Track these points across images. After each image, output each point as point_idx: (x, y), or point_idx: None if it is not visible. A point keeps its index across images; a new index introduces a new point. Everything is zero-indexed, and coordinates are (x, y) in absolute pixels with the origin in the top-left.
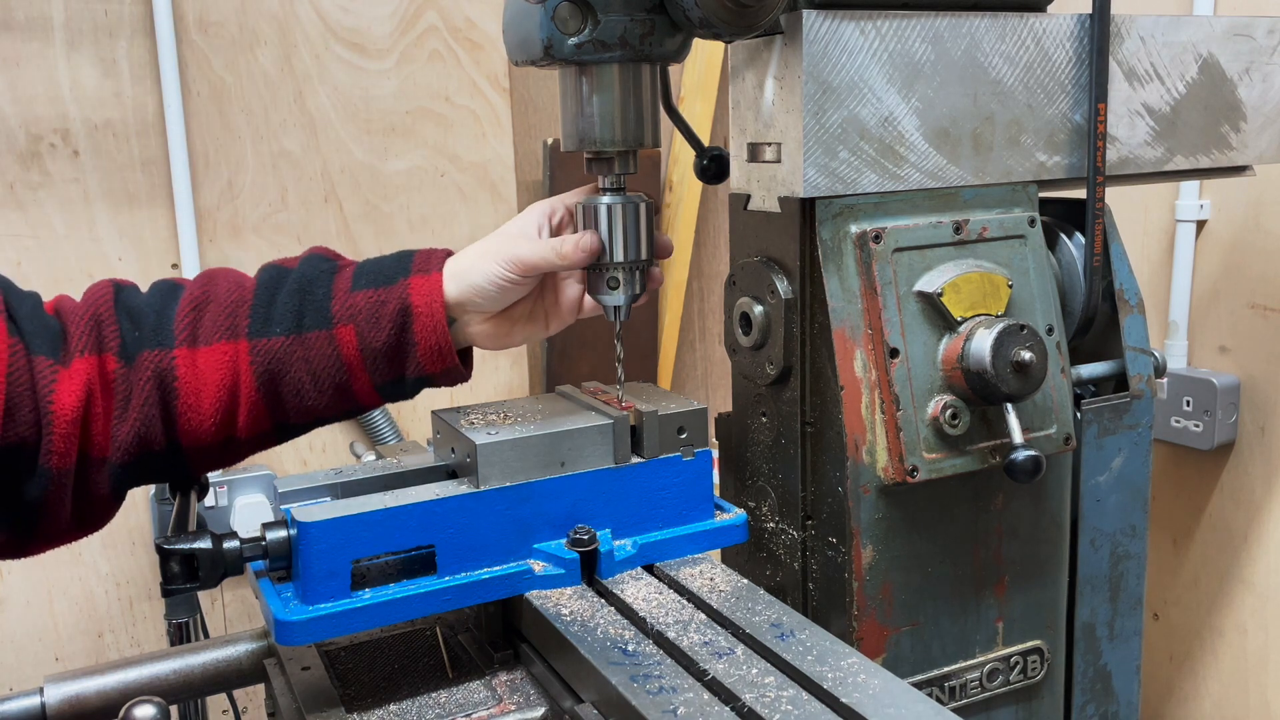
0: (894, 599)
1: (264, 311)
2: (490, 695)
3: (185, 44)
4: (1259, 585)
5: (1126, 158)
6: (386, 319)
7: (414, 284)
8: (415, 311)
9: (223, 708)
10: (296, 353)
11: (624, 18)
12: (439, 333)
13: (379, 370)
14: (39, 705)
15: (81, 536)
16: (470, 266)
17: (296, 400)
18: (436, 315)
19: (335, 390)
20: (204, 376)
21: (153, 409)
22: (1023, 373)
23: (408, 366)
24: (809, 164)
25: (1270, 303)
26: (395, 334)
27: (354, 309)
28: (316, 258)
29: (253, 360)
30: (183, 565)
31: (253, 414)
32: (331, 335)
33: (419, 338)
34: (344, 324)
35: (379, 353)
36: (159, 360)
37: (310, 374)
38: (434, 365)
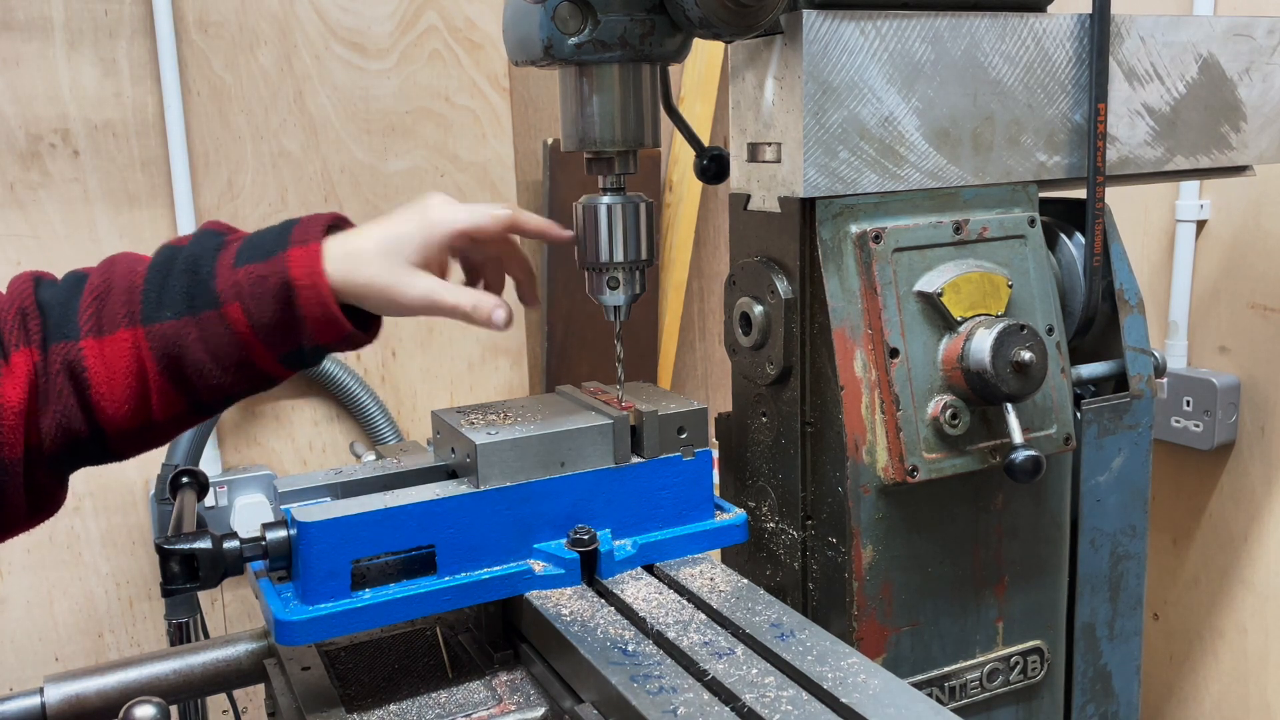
0: (894, 599)
1: (156, 295)
2: (490, 695)
3: (185, 44)
4: (1259, 585)
5: (1126, 158)
6: (269, 295)
7: (292, 257)
8: (296, 285)
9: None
10: (192, 334)
11: (624, 18)
12: (324, 305)
13: (275, 344)
14: (39, 705)
15: (37, 524)
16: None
17: (202, 380)
18: (319, 288)
19: (238, 367)
20: (113, 365)
21: (69, 399)
22: (1023, 373)
23: (302, 338)
24: (809, 164)
25: (1270, 303)
26: (281, 309)
27: (238, 286)
28: (206, 234)
29: (151, 346)
30: (183, 565)
31: (164, 398)
32: (221, 315)
33: (305, 312)
34: (230, 302)
35: (270, 328)
36: (67, 352)
37: (209, 354)
38: (327, 336)
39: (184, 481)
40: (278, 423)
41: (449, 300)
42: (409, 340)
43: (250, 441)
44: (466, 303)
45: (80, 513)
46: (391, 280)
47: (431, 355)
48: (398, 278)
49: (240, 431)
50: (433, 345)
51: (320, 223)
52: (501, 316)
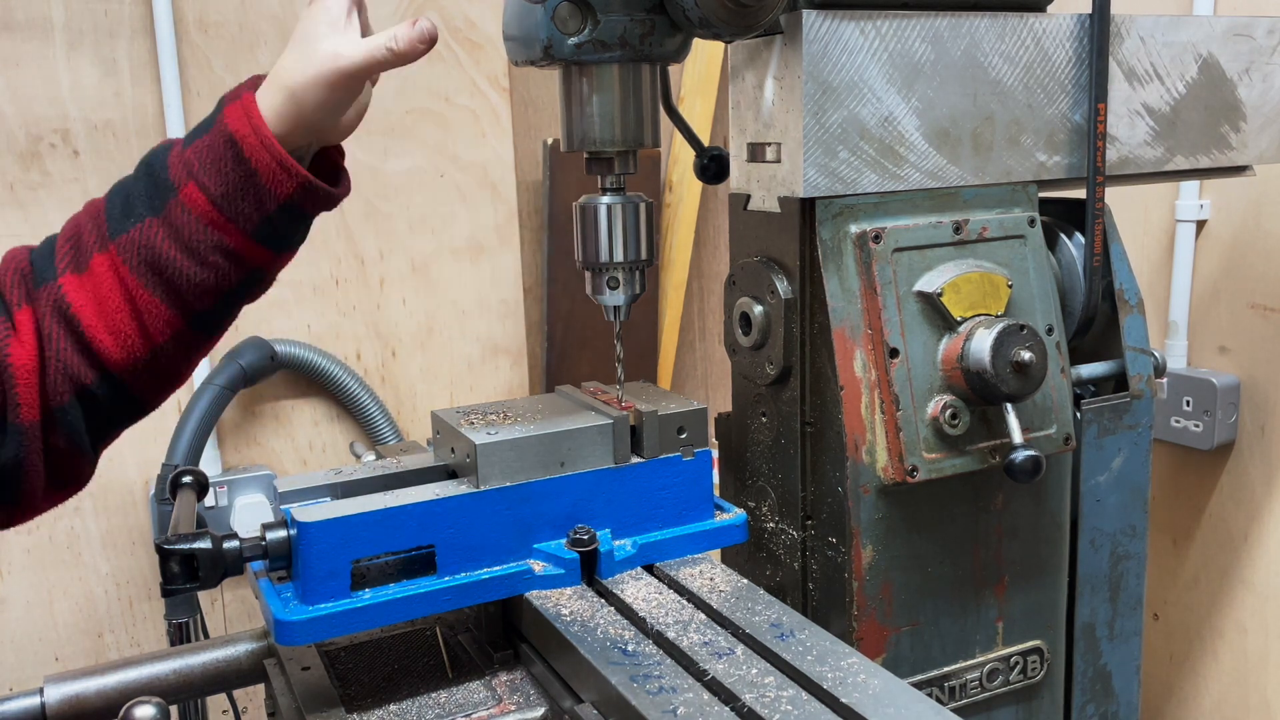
0: (894, 599)
1: (119, 210)
2: (490, 695)
3: (185, 44)
4: (1259, 585)
5: (1126, 158)
6: (217, 160)
7: (228, 114)
8: (238, 137)
9: (223, 708)
10: (158, 232)
11: (624, 18)
12: (269, 149)
13: (242, 216)
14: (39, 705)
15: (61, 499)
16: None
17: (186, 282)
18: (261, 132)
19: (213, 252)
20: (98, 295)
21: (64, 343)
22: (1023, 373)
23: (264, 197)
24: (809, 164)
25: (1270, 303)
26: (233, 169)
27: (188, 164)
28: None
29: (124, 259)
30: (183, 565)
31: (155, 313)
32: (179, 201)
33: (256, 164)
34: (185, 184)
35: (229, 197)
36: (51, 294)
37: (183, 249)
38: (285, 187)
39: (184, 481)
40: (278, 423)
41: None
42: (409, 340)
43: (250, 441)
44: (383, 41)
45: (80, 513)
46: (306, 66)
47: (431, 355)
48: (310, 60)
49: (240, 431)
50: (433, 345)
51: (250, 80)
52: (425, 26)
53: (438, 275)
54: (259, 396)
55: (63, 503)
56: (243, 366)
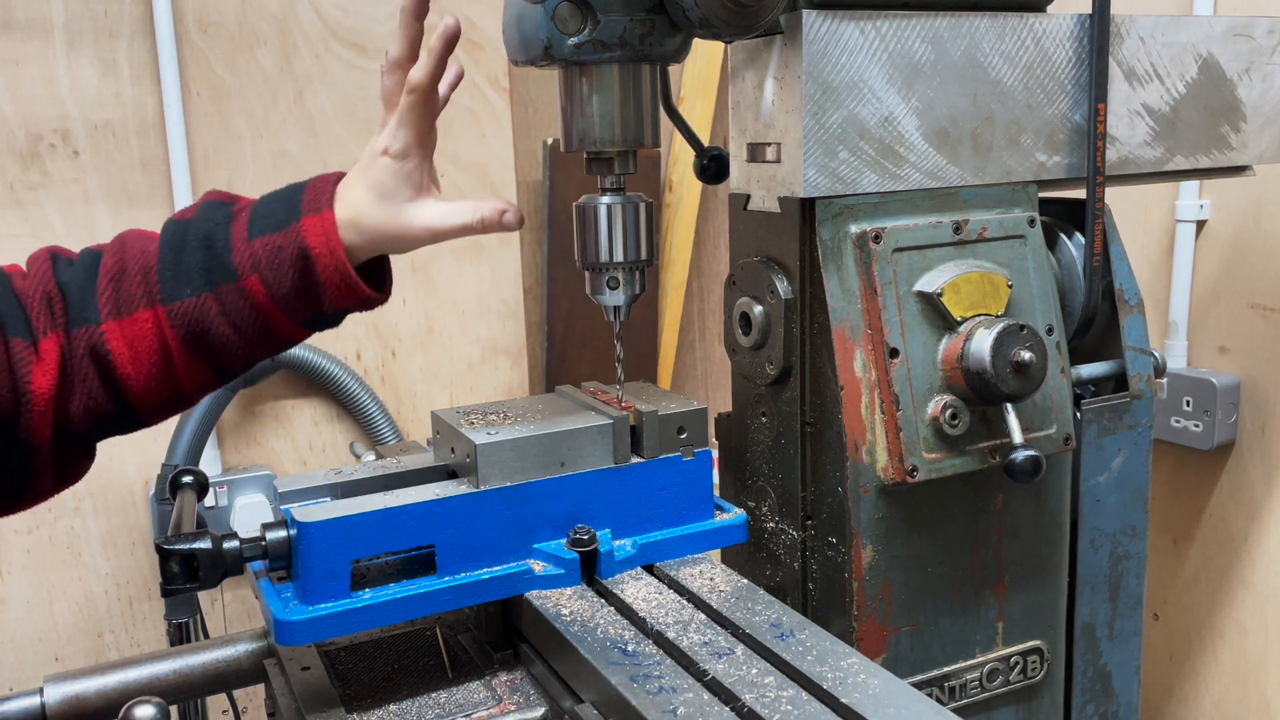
0: (894, 599)
1: (172, 274)
2: (490, 695)
3: (185, 44)
4: (1259, 585)
5: (1126, 158)
6: (287, 265)
7: (307, 226)
8: (314, 254)
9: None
10: (213, 309)
11: (624, 18)
12: (342, 271)
13: (295, 311)
14: (39, 705)
15: (62, 490)
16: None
17: (226, 351)
18: (336, 254)
19: (260, 334)
20: (137, 346)
21: (94, 382)
22: (1023, 373)
23: (322, 304)
24: (809, 164)
25: (1270, 303)
26: (300, 278)
27: (255, 258)
28: (211, 205)
29: (173, 325)
30: (183, 565)
31: (190, 371)
32: (240, 288)
33: (324, 279)
34: (249, 275)
35: (289, 297)
36: (90, 336)
37: (231, 326)
38: (346, 300)
39: (184, 481)
40: (278, 423)
41: (454, 224)
42: (409, 340)
43: (250, 441)
44: (471, 219)
45: (80, 513)
46: (395, 225)
47: (431, 355)
48: (399, 221)
49: (240, 431)
50: (433, 345)
51: (329, 186)
52: (512, 219)
53: (438, 275)
54: (259, 396)
55: (64, 490)
56: None
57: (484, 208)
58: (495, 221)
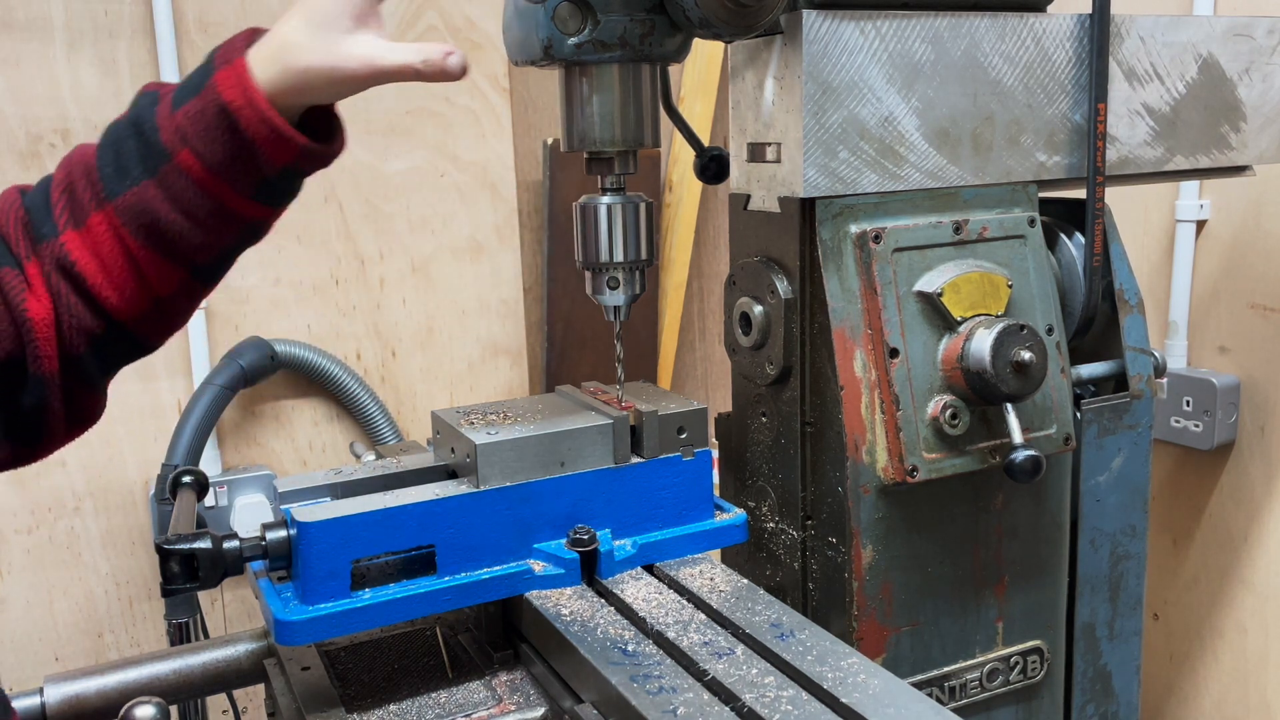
0: (894, 599)
1: (112, 170)
2: (490, 695)
3: (185, 44)
4: (1259, 585)
5: (1126, 158)
6: (212, 128)
7: (220, 80)
8: (233, 109)
9: (223, 708)
10: (156, 195)
11: (624, 18)
12: (267, 121)
13: (237, 178)
14: (39, 705)
15: (76, 435)
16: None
17: (185, 241)
18: (255, 103)
19: (212, 214)
20: (100, 252)
21: (71, 298)
22: (1023, 373)
23: (260, 163)
24: (809, 164)
25: (1270, 303)
26: (228, 139)
27: (181, 131)
28: (142, 95)
29: (123, 221)
30: (183, 565)
31: (157, 269)
32: (175, 165)
33: (250, 133)
34: (179, 150)
35: (225, 163)
36: (54, 250)
37: (181, 210)
38: (284, 155)
39: (184, 481)
40: (278, 423)
41: (394, 61)
42: (409, 340)
43: (250, 441)
44: (414, 58)
45: (80, 513)
46: (327, 56)
47: (431, 355)
48: (333, 52)
49: (240, 431)
50: (433, 345)
51: (242, 38)
52: (455, 62)
53: (438, 275)
54: (259, 396)
55: (78, 437)
56: (243, 366)
57: (429, 48)
58: (439, 64)
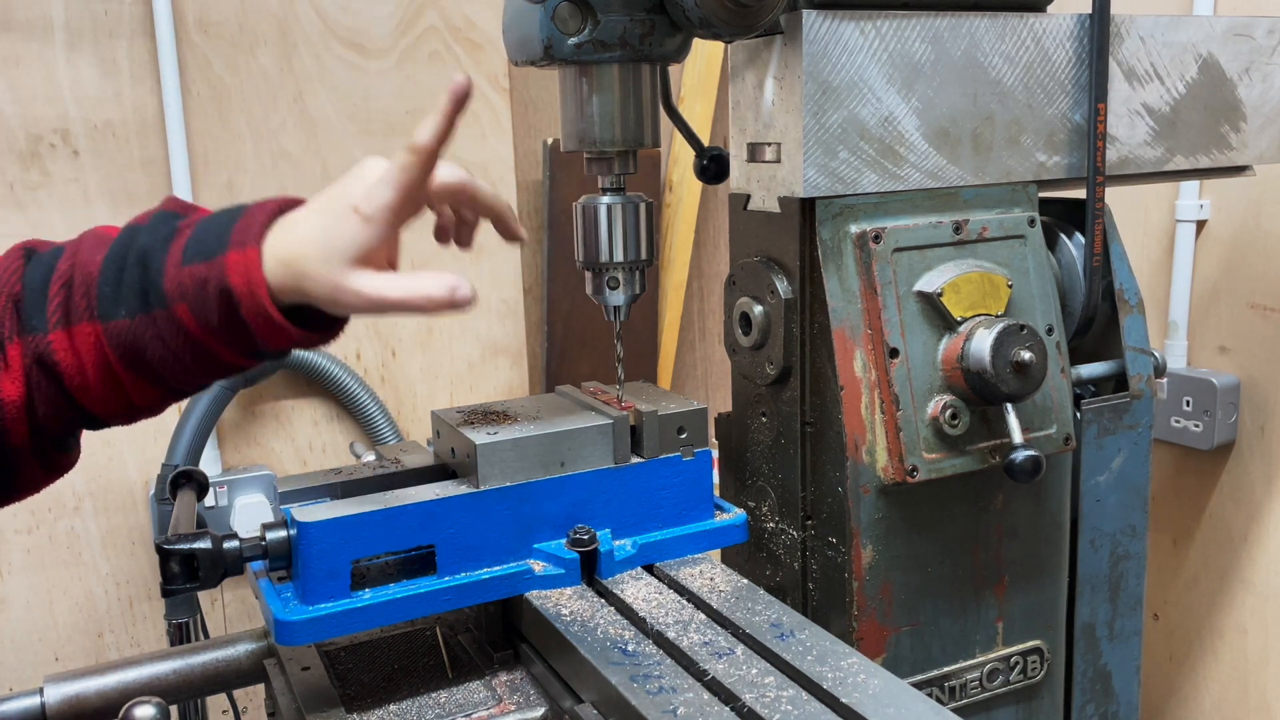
0: (894, 599)
1: (111, 291)
2: (490, 695)
3: (185, 44)
4: (1259, 585)
5: (1126, 158)
6: (211, 300)
7: (230, 263)
8: (236, 294)
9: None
10: (148, 332)
11: (624, 18)
12: (265, 315)
13: (231, 343)
14: (39, 705)
15: (55, 479)
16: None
17: (169, 372)
18: (257, 296)
19: (200, 361)
20: (82, 358)
21: (48, 390)
22: (1023, 373)
23: (255, 342)
24: (809, 164)
25: (1270, 303)
26: (225, 314)
27: (183, 288)
28: (161, 218)
29: (110, 343)
30: (183, 565)
31: (135, 387)
32: (170, 315)
33: (249, 319)
34: (177, 303)
35: (219, 329)
36: (37, 345)
37: (169, 350)
38: (277, 342)
39: (184, 481)
40: (278, 423)
41: (397, 297)
42: (409, 340)
43: (250, 441)
44: (418, 297)
45: (80, 513)
46: (333, 289)
47: (431, 355)
48: (338, 285)
49: (240, 431)
50: (433, 345)
51: (264, 216)
52: (464, 294)
53: None
54: (259, 396)
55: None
56: None
57: (432, 285)
58: (445, 301)
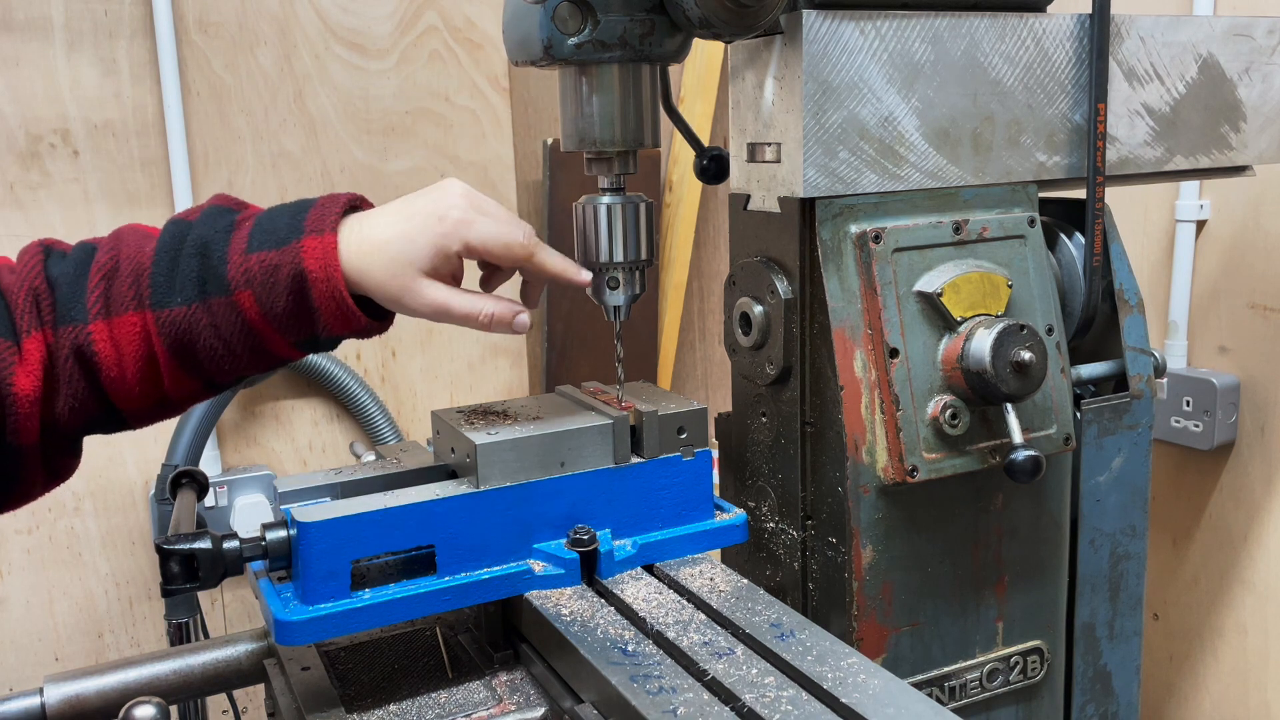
0: (894, 599)
1: (165, 279)
2: (490, 695)
3: (185, 44)
4: (1259, 585)
5: (1126, 158)
6: (282, 285)
7: (307, 247)
8: (311, 277)
9: (223, 708)
10: (202, 320)
11: (624, 18)
12: (338, 298)
13: (288, 330)
14: (39, 705)
15: (53, 488)
16: (367, 283)
17: (214, 364)
18: (333, 279)
19: (251, 351)
20: (123, 348)
21: (79, 383)
22: (1022, 373)
23: (316, 327)
24: (809, 164)
25: (1270, 303)
26: (294, 300)
27: (250, 274)
28: (216, 211)
29: (161, 331)
30: (183, 565)
31: (175, 379)
32: (232, 302)
33: (319, 303)
34: (242, 290)
35: (282, 316)
36: (76, 335)
37: (220, 339)
38: (342, 327)
39: (184, 481)
40: (278, 423)
41: (461, 311)
42: (409, 340)
43: (250, 441)
44: (482, 315)
45: (80, 513)
46: (401, 290)
47: (431, 355)
48: (407, 287)
49: (240, 431)
50: (433, 345)
51: (337, 207)
52: (524, 322)
53: None
54: (259, 396)
55: (55, 489)
56: None
57: (497, 307)
58: (505, 325)
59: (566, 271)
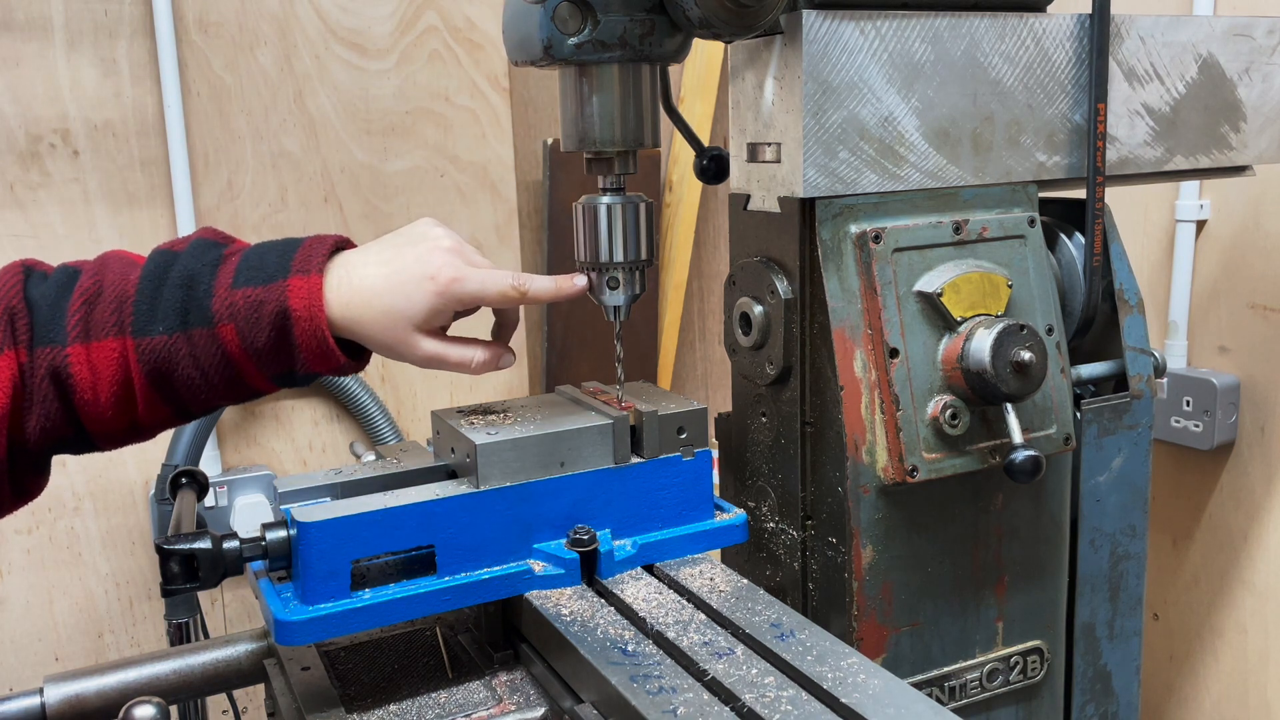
0: (894, 599)
1: (148, 308)
2: (490, 695)
3: (185, 44)
4: (1259, 585)
5: (1126, 158)
6: (266, 320)
7: (293, 286)
8: (294, 316)
9: (223, 708)
10: (182, 350)
11: (624, 18)
12: (319, 338)
13: (266, 365)
14: (39, 705)
15: (20, 507)
16: (355, 326)
17: (190, 393)
18: (316, 319)
19: (227, 383)
20: (99, 372)
21: (52, 404)
22: (1022, 373)
23: (295, 363)
24: (809, 164)
25: (1270, 303)
26: (276, 336)
27: (234, 308)
28: (203, 245)
29: (140, 358)
30: (183, 565)
31: (149, 405)
32: (214, 334)
33: (300, 341)
34: (225, 323)
35: (262, 351)
36: (53, 357)
37: (199, 369)
38: (320, 365)
39: (184, 481)
40: (278, 423)
41: (455, 361)
42: None
43: (250, 441)
44: (474, 362)
45: (80, 513)
46: (396, 343)
47: None
48: (403, 340)
49: (240, 431)
50: None
51: (324, 249)
52: (509, 360)
53: None
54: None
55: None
56: None
57: (482, 355)
58: (493, 366)
59: (561, 290)
